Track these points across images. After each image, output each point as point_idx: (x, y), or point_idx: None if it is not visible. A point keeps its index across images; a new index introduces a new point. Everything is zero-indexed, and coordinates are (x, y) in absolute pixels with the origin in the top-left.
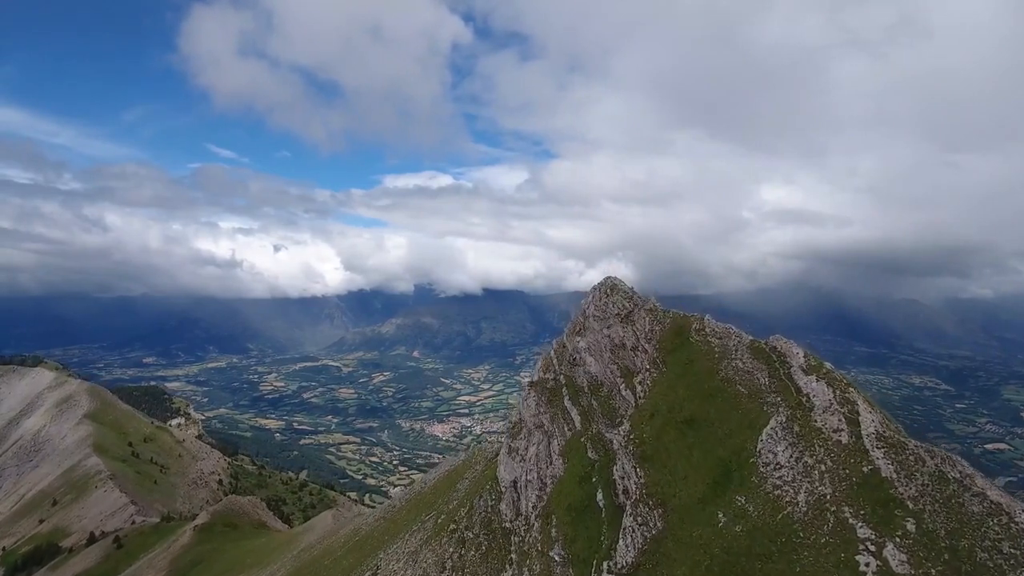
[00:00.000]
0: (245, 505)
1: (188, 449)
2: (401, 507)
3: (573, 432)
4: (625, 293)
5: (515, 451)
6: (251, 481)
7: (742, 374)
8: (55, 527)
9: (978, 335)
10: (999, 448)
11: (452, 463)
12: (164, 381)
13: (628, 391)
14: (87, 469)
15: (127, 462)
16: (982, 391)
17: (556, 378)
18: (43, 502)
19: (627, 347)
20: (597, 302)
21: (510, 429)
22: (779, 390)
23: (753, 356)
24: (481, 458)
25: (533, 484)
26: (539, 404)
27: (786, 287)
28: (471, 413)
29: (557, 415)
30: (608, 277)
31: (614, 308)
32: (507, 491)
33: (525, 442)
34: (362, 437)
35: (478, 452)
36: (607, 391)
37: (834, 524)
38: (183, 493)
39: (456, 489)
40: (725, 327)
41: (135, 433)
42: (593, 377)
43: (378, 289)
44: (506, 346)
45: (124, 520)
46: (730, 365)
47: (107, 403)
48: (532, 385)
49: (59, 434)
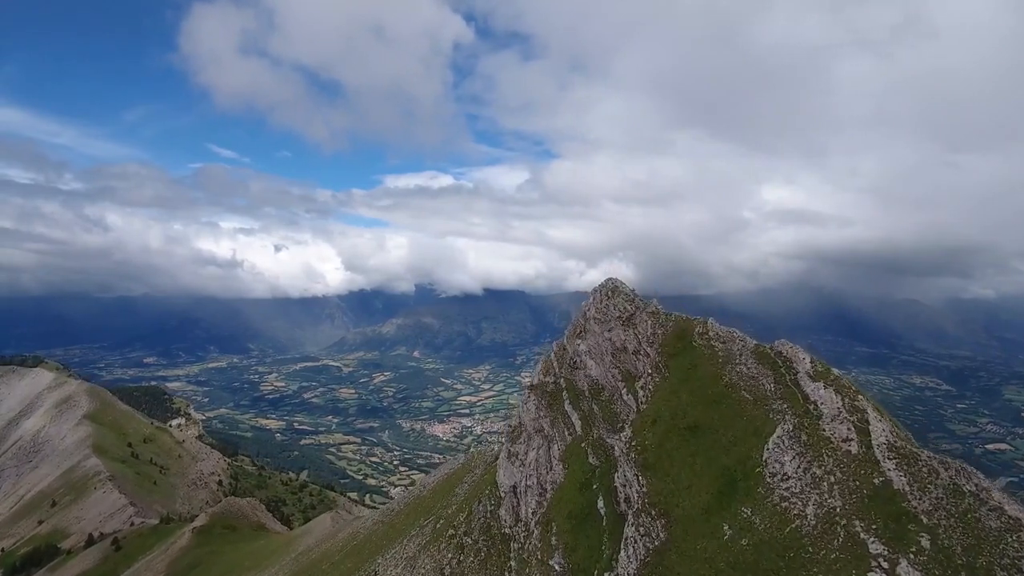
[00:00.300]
0: (244, 507)
1: (188, 450)
2: (400, 510)
3: (574, 437)
4: (627, 295)
5: (515, 456)
6: (251, 482)
7: (747, 380)
8: (54, 528)
9: (979, 335)
10: (1000, 448)
11: (452, 466)
12: (165, 381)
13: (630, 396)
14: (86, 470)
15: (126, 463)
16: (983, 391)
17: (556, 381)
18: (42, 503)
19: (628, 351)
20: (598, 304)
21: (509, 433)
22: (785, 397)
23: (758, 361)
24: (480, 461)
25: (533, 490)
26: (539, 408)
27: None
28: (472, 413)
29: (557, 419)
30: (609, 279)
31: (615, 311)
32: (506, 496)
33: (525, 447)
34: (363, 437)
35: (478, 455)
36: (608, 395)
37: (844, 539)
38: (183, 494)
39: (455, 493)
40: (729, 331)
41: (135, 434)
42: (594, 381)
43: (379, 289)
44: (507, 346)
45: (123, 521)
46: (734, 370)
47: (107, 404)
48: (532, 388)
49: (58, 435)
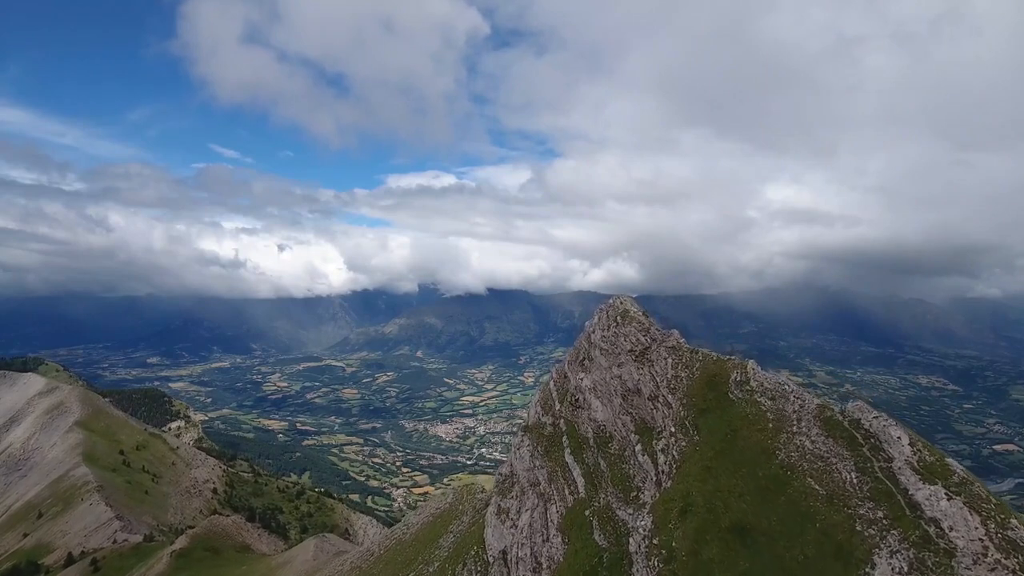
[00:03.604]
0: (228, 527)
1: (182, 457)
2: (380, 555)
3: (576, 499)
4: (640, 324)
5: (505, 513)
6: (247, 489)
7: (814, 461)
8: (38, 542)
9: (986, 335)
10: (1008, 449)
11: (438, 505)
12: (168, 381)
13: (646, 457)
14: (74, 480)
15: (117, 471)
16: (990, 391)
17: (556, 423)
18: (29, 514)
19: (643, 394)
20: (605, 331)
21: (500, 483)
22: (878, 498)
23: (827, 432)
24: (469, 506)
25: (526, 562)
26: (534, 455)
27: (793, 287)
28: (474, 414)
29: (556, 473)
30: (618, 298)
31: (626, 342)
32: (495, 562)
33: (517, 503)
34: (365, 438)
35: (466, 497)
36: (619, 448)
37: None
38: (175, 504)
39: (439, 544)
40: (777, 381)
41: (127, 441)
42: (600, 427)
43: (382, 289)
44: (510, 346)
45: (107, 537)
46: (792, 443)
47: (99, 410)
48: (527, 430)
49: (48, 443)
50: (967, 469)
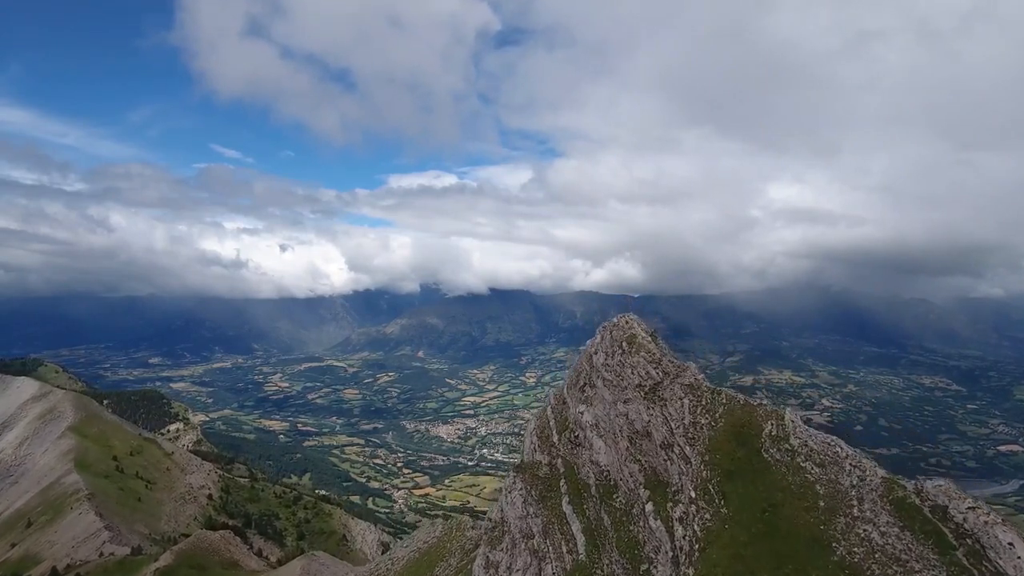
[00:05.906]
0: (216, 542)
1: (177, 462)
2: None
3: (575, 561)
4: (650, 353)
5: (494, 568)
6: (243, 495)
7: (887, 564)
8: (26, 553)
9: (990, 335)
10: (1012, 450)
11: (426, 539)
12: (170, 382)
13: (659, 523)
14: (65, 487)
15: (110, 478)
16: (994, 392)
17: (552, 463)
18: (18, 523)
19: (654, 439)
20: (609, 357)
21: (489, 531)
22: None
23: (901, 522)
24: (457, 547)
25: None
26: (528, 501)
27: (795, 286)
28: (476, 414)
29: (552, 524)
30: (624, 318)
31: (633, 375)
32: None
33: (508, 557)
34: (366, 439)
35: (456, 532)
36: (624, 503)
37: None
38: (169, 511)
39: None
40: (825, 441)
41: (121, 446)
42: (603, 472)
43: (383, 289)
44: (512, 346)
45: (95, 548)
46: (854, 532)
47: (93, 414)
48: (520, 470)
49: (40, 449)
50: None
